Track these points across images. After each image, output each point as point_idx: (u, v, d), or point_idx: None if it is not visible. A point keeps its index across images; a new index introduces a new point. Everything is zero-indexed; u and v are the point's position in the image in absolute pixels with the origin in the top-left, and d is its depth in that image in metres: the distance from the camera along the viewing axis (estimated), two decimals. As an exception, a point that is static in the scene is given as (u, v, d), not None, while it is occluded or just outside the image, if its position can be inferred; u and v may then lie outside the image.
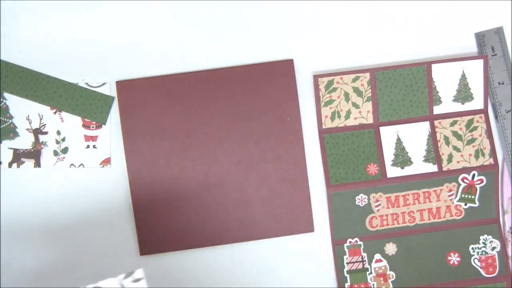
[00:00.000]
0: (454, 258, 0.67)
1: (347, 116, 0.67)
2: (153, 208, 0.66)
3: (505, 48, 0.68)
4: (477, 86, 0.67)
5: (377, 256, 0.67)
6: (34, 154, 0.66)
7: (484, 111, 0.68)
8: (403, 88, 0.67)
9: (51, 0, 0.66)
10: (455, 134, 0.67)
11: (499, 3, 0.68)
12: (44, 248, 0.66)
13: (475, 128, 0.67)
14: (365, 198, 0.67)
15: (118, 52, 0.67)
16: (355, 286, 0.66)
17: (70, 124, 0.67)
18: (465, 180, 0.67)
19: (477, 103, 0.67)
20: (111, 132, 0.67)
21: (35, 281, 0.66)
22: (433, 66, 0.67)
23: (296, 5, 0.67)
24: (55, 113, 0.67)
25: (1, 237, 0.66)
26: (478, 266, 0.67)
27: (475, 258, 0.67)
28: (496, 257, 0.66)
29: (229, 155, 0.66)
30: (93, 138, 0.67)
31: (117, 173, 0.67)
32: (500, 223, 0.67)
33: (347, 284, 0.66)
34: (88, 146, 0.67)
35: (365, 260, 0.67)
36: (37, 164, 0.66)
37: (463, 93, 0.67)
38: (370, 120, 0.67)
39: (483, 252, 0.66)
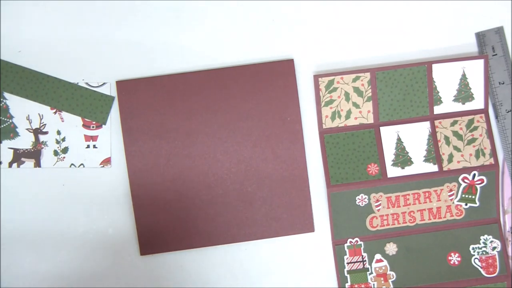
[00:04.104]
0: (454, 258, 0.67)
1: (348, 116, 0.67)
2: (153, 208, 0.66)
3: (505, 48, 0.68)
4: (477, 86, 0.67)
5: (378, 256, 0.67)
6: (34, 154, 0.66)
7: (485, 111, 0.68)
8: (403, 88, 0.67)
9: (51, 0, 0.66)
10: (455, 134, 0.67)
11: (499, 3, 0.68)
12: (44, 248, 0.66)
13: (476, 128, 0.67)
14: (366, 198, 0.67)
15: (118, 52, 0.67)
16: (356, 286, 0.66)
17: (70, 124, 0.67)
18: (465, 180, 0.67)
19: (477, 103, 0.67)
20: (111, 132, 0.67)
21: (34, 281, 0.66)
22: (434, 66, 0.66)
23: (296, 5, 0.67)
24: (55, 113, 0.67)
25: (1, 237, 0.66)
26: (479, 266, 0.66)
27: (475, 258, 0.66)
28: (497, 257, 0.66)
29: (229, 155, 0.66)
30: (93, 138, 0.67)
31: (117, 173, 0.67)
32: (500, 223, 0.67)
33: (348, 284, 0.66)
34: (88, 146, 0.67)
35: (365, 260, 0.66)
36: (37, 164, 0.66)
37: (464, 93, 0.67)
38: (371, 120, 0.67)
39: (484, 252, 0.66)
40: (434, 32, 0.68)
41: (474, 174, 0.67)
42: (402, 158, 0.67)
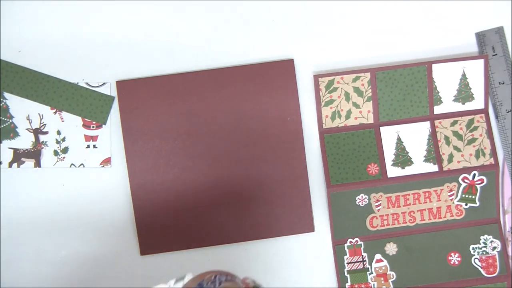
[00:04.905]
0: (454, 258, 0.67)
1: (348, 116, 0.67)
2: (153, 208, 0.66)
3: (505, 48, 0.68)
4: (477, 86, 0.67)
5: (378, 256, 0.67)
6: (34, 154, 0.66)
7: (485, 111, 0.68)
8: (403, 88, 0.67)
9: (51, 0, 0.66)
10: (455, 134, 0.67)
11: (499, 3, 0.68)
12: (44, 248, 0.66)
13: (476, 128, 0.67)
14: (366, 198, 0.67)
15: (118, 52, 0.67)
16: (356, 286, 0.66)
17: (70, 124, 0.67)
18: (465, 180, 0.67)
19: (477, 103, 0.67)
20: (111, 132, 0.67)
21: (35, 281, 0.66)
22: (434, 66, 0.66)
23: (296, 5, 0.67)
24: (55, 113, 0.67)
25: (1, 237, 0.66)
26: (479, 266, 0.66)
27: (475, 258, 0.66)
28: (497, 257, 0.66)
29: (229, 155, 0.66)
30: (93, 138, 0.67)
31: (117, 173, 0.67)
32: (500, 223, 0.67)
33: (348, 284, 0.66)
34: (88, 146, 0.67)
35: (365, 260, 0.66)
36: (37, 164, 0.66)
37: (464, 93, 0.67)
38: (371, 120, 0.67)
39: (484, 252, 0.66)
40: (434, 32, 0.68)
41: (474, 174, 0.67)
42: (402, 158, 0.67)
